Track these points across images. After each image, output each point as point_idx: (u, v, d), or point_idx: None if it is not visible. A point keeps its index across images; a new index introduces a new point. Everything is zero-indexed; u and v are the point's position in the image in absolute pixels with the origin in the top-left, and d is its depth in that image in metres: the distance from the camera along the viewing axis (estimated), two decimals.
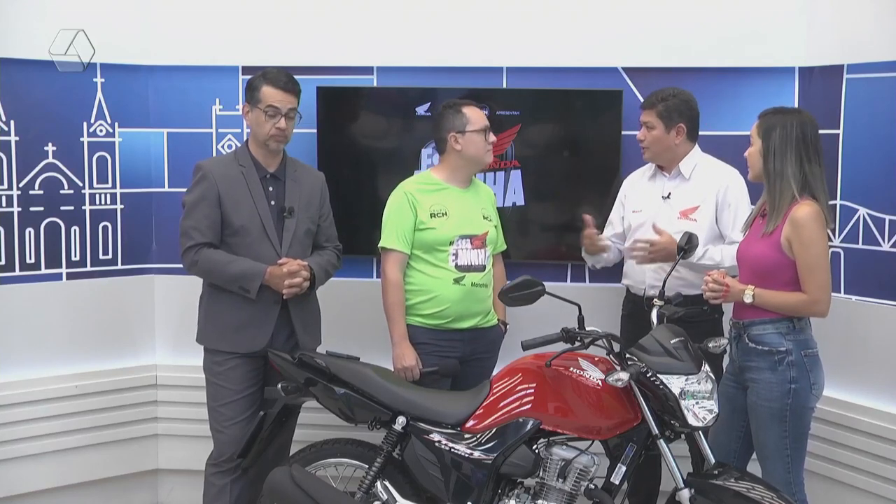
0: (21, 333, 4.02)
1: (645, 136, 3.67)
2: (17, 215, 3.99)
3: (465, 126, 3.58)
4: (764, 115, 3.19)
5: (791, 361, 3.10)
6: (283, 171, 3.56)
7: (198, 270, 3.47)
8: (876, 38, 3.75)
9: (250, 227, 3.44)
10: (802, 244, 3.05)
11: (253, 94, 3.49)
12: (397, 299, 3.57)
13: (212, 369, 3.52)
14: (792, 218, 3.06)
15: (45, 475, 4.08)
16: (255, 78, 3.53)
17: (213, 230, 3.44)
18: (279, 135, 3.47)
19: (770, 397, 3.11)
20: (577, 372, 3.13)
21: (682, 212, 3.64)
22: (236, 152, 3.57)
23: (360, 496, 3.29)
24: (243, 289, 3.40)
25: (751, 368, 3.17)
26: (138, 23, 4.20)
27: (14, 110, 3.96)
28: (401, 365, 3.55)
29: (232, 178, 3.46)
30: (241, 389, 3.48)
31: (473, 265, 3.60)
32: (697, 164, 3.68)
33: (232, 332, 3.46)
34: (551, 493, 3.11)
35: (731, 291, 3.14)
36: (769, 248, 3.11)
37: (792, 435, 3.13)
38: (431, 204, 3.59)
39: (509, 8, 4.14)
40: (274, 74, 3.50)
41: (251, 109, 3.50)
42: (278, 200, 3.51)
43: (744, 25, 4.04)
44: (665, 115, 3.62)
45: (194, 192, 3.46)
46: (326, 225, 3.68)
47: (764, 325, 3.14)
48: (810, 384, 3.12)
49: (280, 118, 3.45)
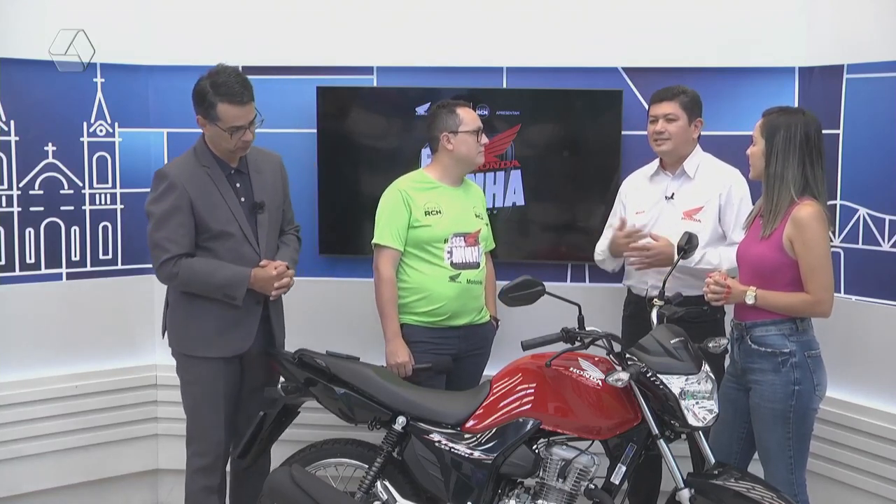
0: (21, 333, 4.02)
1: (665, 127, 3.59)
2: (17, 215, 3.99)
3: (457, 126, 3.59)
4: (768, 114, 3.17)
5: (795, 363, 3.10)
6: (245, 163, 3.44)
7: (178, 282, 3.33)
8: (876, 38, 3.75)
9: (230, 230, 3.35)
10: (805, 244, 3.04)
11: (208, 110, 3.27)
12: (390, 296, 3.58)
13: (192, 375, 3.42)
14: (794, 218, 3.05)
15: (45, 475, 4.08)
16: (203, 89, 3.27)
17: (189, 239, 3.32)
18: (245, 146, 3.36)
19: (773, 399, 3.11)
20: (577, 372, 3.13)
21: (685, 212, 3.62)
22: (196, 151, 3.40)
23: (360, 496, 3.29)
24: (229, 296, 3.31)
25: (753, 370, 3.16)
26: (138, 23, 4.20)
27: (14, 110, 3.95)
28: (393, 361, 3.55)
29: (200, 182, 3.33)
30: (224, 393, 3.41)
31: (469, 262, 3.61)
32: (701, 164, 3.67)
33: (215, 336, 3.37)
34: (551, 493, 3.11)
35: (733, 293, 3.13)
36: (770, 248, 3.11)
37: (795, 436, 3.12)
38: (426, 202, 3.60)
39: (509, 8, 4.14)
40: (227, 87, 3.25)
41: (208, 124, 3.30)
42: (248, 196, 3.42)
43: (744, 25, 4.04)
44: (689, 106, 3.59)
45: (163, 202, 3.30)
46: (286, 207, 3.62)
47: (766, 326, 3.13)
48: (814, 385, 3.11)
49: (243, 131, 3.30)
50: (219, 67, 3.33)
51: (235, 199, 3.39)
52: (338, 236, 4.27)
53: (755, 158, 3.18)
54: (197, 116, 3.34)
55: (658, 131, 3.62)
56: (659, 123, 3.61)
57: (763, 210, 3.16)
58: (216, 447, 3.44)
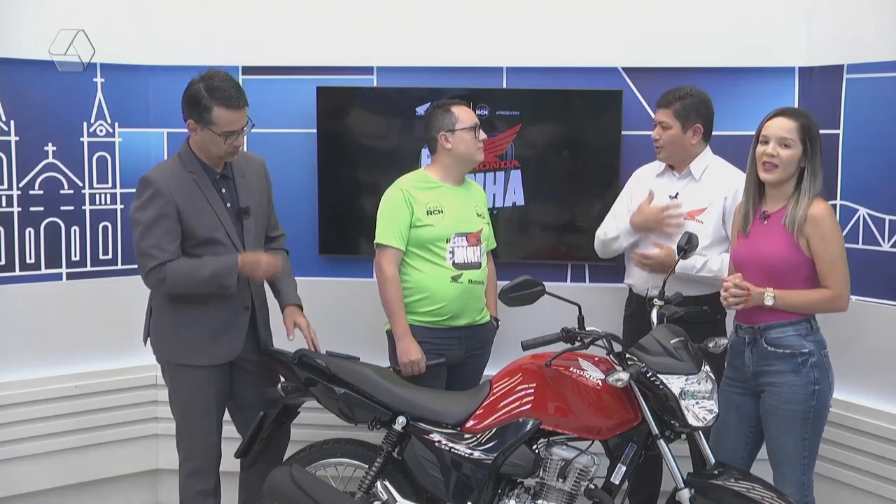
0: (21, 333, 4.02)
1: (660, 135, 3.61)
2: (17, 215, 3.99)
3: (454, 125, 3.59)
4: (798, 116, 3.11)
5: (814, 362, 3.09)
6: (230, 168, 3.41)
7: (167, 286, 3.25)
8: (876, 38, 3.74)
9: (216, 237, 3.31)
10: (823, 239, 3.03)
11: (202, 114, 3.22)
12: (396, 294, 3.57)
13: (180, 382, 3.39)
14: (810, 216, 3.05)
15: (45, 475, 4.08)
16: (198, 93, 3.23)
17: (176, 245, 3.26)
18: (235, 151, 3.33)
19: (794, 400, 3.08)
20: (577, 372, 3.13)
21: (688, 213, 3.61)
22: (181, 156, 3.34)
23: (360, 496, 3.29)
24: (222, 286, 3.26)
25: (770, 373, 3.13)
26: (138, 23, 4.20)
27: (14, 110, 3.95)
28: (406, 359, 3.54)
29: (186, 188, 3.28)
30: (215, 397, 3.39)
31: (470, 262, 3.61)
32: (709, 166, 3.65)
33: (206, 343, 3.33)
34: (551, 493, 3.11)
35: (752, 295, 3.07)
36: (785, 248, 3.08)
37: (812, 436, 3.11)
38: (427, 201, 3.60)
39: (509, 8, 4.14)
40: (223, 91, 3.23)
41: (200, 128, 3.25)
42: (233, 202, 3.39)
43: (744, 25, 4.04)
44: (682, 114, 3.57)
45: (149, 209, 3.24)
46: (270, 210, 3.59)
47: (783, 327, 3.10)
48: (829, 384, 3.12)
49: (235, 136, 3.28)
50: (211, 71, 3.29)
51: (221, 204, 3.35)
52: (338, 236, 4.27)
53: (789, 161, 3.07)
54: (188, 120, 3.29)
55: (654, 138, 3.65)
56: (655, 130, 3.63)
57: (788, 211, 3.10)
58: (208, 450, 3.42)
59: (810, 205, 3.06)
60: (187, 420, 3.42)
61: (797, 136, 3.06)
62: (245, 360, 3.44)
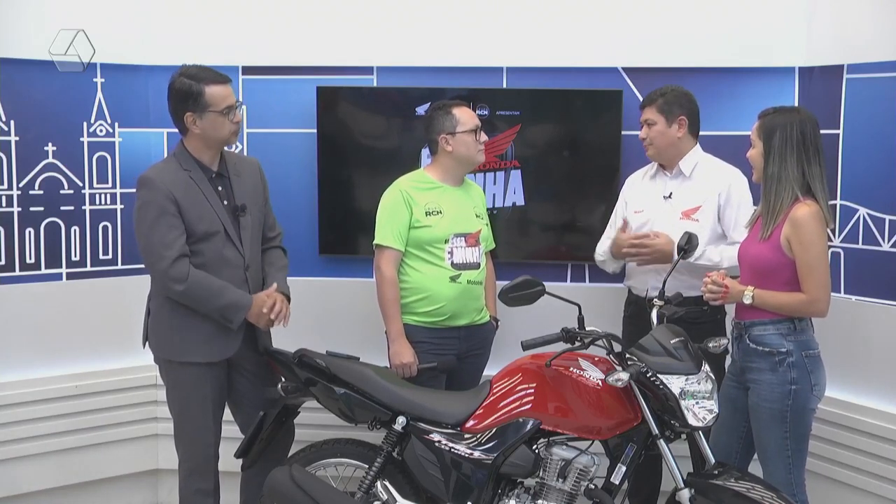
0: (21, 333, 4.02)
1: (647, 133, 3.65)
2: (17, 215, 3.99)
3: (454, 127, 3.59)
4: (763, 115, 3.20)
5: (792, 362, 3.10)
6: (224, 167, 3.44)
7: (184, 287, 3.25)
8: (876, 38, 3.75)
9: (215, 232, 3.33)
10: (802, 244, 3.05)
11: (196, 100, 3.27)
12: (393, 296, 3.57)
13: (177, 380, 3.40)
14: (791, 218, 3.06)
15: (45, 475, 4.08)
16: (184, 85, 3.29)
17: (183, 241, 3.28)
18: (237, 128, 3.39)
19: (771, 398, 3.12)
20: (577, 372, 3.13)
21: (683, 212, 3.63)
22: (176, 156, 3.37)
23: (360, 496, 3.29)
24: (226, 319, 3.30)
25: (752, 369, 3.17)
26: (138, 23, 4.20)
27: (14, 110, 3.95)
28: (398, 362, 3.55)
29: (184, 186, 3.30)
30: (212, 396, 3.40)
31: (469, 263, 3.61)
32: (699, 163, 3.67)
33: (204, 341, 3.35)
34: (551, 493, 3.11)
35: (731, 292, 3.14)
36: (768, 248, 3.12)
37: (793, 436, 3.12)
38: (427, 202, 3.60)
39: (509, 8, 4.14)
40: (205, 72, 3.32)
41: (199, 117, 3.29)
42: (230, 199, 3.41)
43: (744, 25, 4.04)
44: (665, 108, 3.61)
45: (150, 208, 3.27)
46: (267, 211, 3.61)
47: (765, 325, 3.14)
48: (811, 385, 3.12)
49: (234, 111, 3.34)
50: (182, 67, 3.36)
51: (219, 201, 3.37)
52: (338, 236, 4.27)
53: (755, 161, 3.19)
54: (185, 115, 3.30)
55: (641, 138, 3.69)
56: (642, 130, 3.67)
57: (762, 211, 3.17)
58: (205, 449, 3.43)
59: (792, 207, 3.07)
60: (184, 419, 3.43)
61: (757, 135, 3.16)
62: (244, 360, 3.45)
